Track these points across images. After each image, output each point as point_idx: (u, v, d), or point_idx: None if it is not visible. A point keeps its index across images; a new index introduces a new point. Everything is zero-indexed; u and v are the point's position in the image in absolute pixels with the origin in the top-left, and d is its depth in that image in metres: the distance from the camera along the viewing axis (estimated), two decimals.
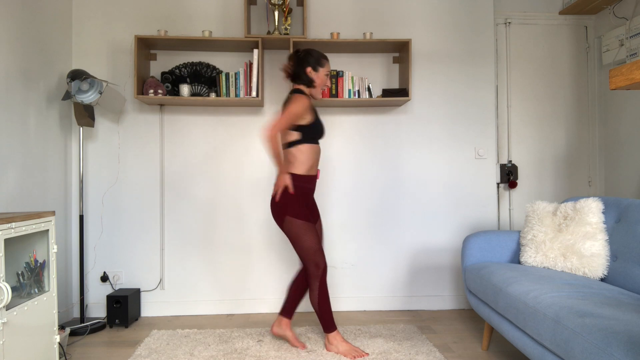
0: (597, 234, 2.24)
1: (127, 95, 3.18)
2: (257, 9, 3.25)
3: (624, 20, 3.24)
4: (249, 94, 3.03)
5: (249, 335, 2.76)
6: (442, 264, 3.35)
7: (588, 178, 3.57)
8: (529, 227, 2.47)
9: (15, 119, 2.53)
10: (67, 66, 3.10)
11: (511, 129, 3.53)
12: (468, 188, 3.36)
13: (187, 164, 3.23)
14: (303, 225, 2.39)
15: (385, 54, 3.32)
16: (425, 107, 3.34)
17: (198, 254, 3.24)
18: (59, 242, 2.99)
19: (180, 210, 3.23)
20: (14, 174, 2.52)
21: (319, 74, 2.48)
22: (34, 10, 2.73)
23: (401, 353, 2.45)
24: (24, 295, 2.01)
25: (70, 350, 2.58)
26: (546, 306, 1.75)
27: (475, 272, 2.41)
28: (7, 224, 1.81)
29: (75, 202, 3.16)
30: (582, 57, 3.58)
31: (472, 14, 3.36)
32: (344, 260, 3.31)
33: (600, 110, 3.56)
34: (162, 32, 3.02)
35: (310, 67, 2.47)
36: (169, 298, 3.22)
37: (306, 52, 2.49)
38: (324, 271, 2.41)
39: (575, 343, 1.52)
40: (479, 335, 2.77)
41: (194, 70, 3.12)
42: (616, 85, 1.29)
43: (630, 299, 1.79)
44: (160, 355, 2.46)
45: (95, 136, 3.19)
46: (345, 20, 3.30)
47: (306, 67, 2.47)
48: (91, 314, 3.18)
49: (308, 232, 2.39)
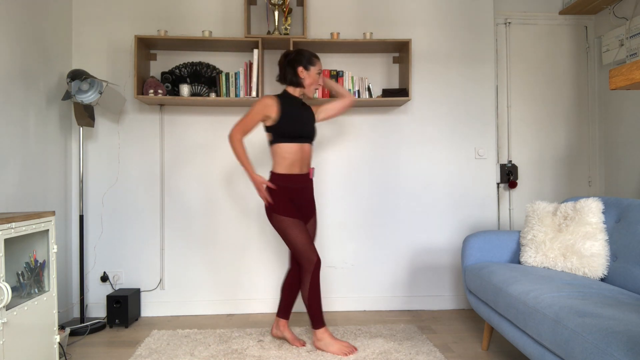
0: (597, 234, 2.24)
1: (127, 95, 3.18)
2: (257, 9, 3.25)
3: (624, 20, 3.24)
4: (249, 94, 3.04)
5: (249, 335, 2.76)
6: (442, 264, 3.35)
7: (588, 178, 3.57)
8: (529, 227, 2.47)
9: (15, 119, 2.54)
10: (67, 66, 3.10)
11: (511, 129, 3.53)
12: (468, 188, 3.36)
13: (187, 164, 3.23)
14: (288, 221, 2.43)
15: (385, 54, 3.32)
16: (425, 107, 3.34)
17: (198, 254, 3.24)
18: (59, 242, 2.99)
19: (180, 210, 3.23)
20: (14, 174, 2.52)
21: (310, 73, 2.51)
22: (34, 10, 2.73)
23: (401, 353, 2.45)
24: (24, 295, 2.01)
25: (70, 350, 2.58)
26: (546, 306, 1.75)
27: (475, 272, 2.41)
28: (7, 224, 1.81)
29: (75, 202, 3.16)
30: (582, 57, 3.58)
31: (472, 14, 3.36)
32: (344, 260, 3.31)
33: (600, 110, 3.56)
34: (162, 32, 3.02)
35: (302, 66, 2.50)
36: (169, 298, 3.22)
37: (297, 52, 2.53)
38: (317, 266, 2.43)
39: (575, 343, 1.52)
40: (479, 335, 2.77)
41: (194, 70, 3.12)
42: (616, 85, 1.29)
43: (630, 299, 1.79)
44: (160, 355, 2.46)
45: (95, 136, 3.19)
46: (345, 20, 3.30)
47: (297, 66, 2.50)
48: (91, 314, 3.18)
49: (294, 228, 2.43)
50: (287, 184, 2.47)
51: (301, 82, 2.51)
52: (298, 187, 2.50)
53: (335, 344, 2.45)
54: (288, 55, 2.54)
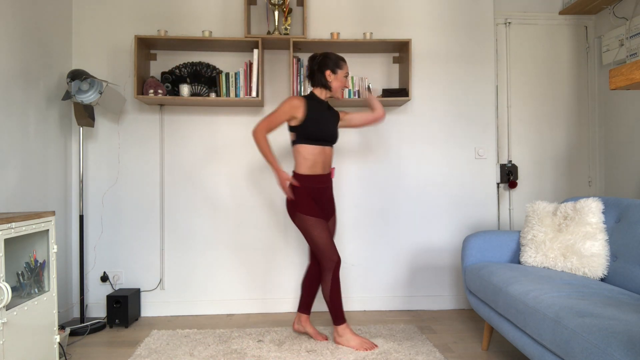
0: (597, 234, 2.24)
1: (127, 95, 3.18)
2: (257, 9, 3.25)
3: (624, 20, 3.24)
4: (249, 94, 3.04)
5: (248, 335, 2.76)
6: (442, 264, 3.35)
7: (588, 178, 3.57)
8: (529, 227, 2.47)
9: (15, 118, 2.54)
10: (67, 66, 3.10)
11: (511, 129, 3.53)
12: (468, 188, 3.36)
13: (187, 164, 3.23)
14: (311, 220, 2.49)
15: (385, 54, 3.32)
16: (425, 107, 3.34)
17: (198, 254, 3.24)
18: (59, 242, 2.99)
19: (180, 210, 3.23)
20: (14, 174, 2.52)
21: (338, 76, 2.57)
22: (34, 10, 2.73)
23: (401, 353, 2.45)
24: (24, 295, 2.01)
25: (70, 350, 2.58)
26: (546, 306, 1.75)
27: (475, 272, 2.41)
28: (7, 224, 1.81)
29: (75, 202, 3.16)
30: (582, 57, 3.58)
31: (472, 14, 3.36)
32: (344, 260, 3.31)
33: (600, 110, 3.56)
34: (162, 32, 3.02)
35: (330, 69, 2.55)
36: (169, 298, 3.22)
37: (324, 55, 2.58)
38: (337, 265, 2.50)
39: (575, 343, 1.52)
40: (479, 335, 2.77)
41: (194, 70, 3.12)
42: (616, 85, 1.29)
43: (630, 299, 1.79)
44: (160, 355, 2.46)
45: (95, 136, 3.19)
46: (345, 20, 3.30)
47: (325, 70, 2.55)
48: (91, 314, 3.18)
49: (316, 227, 2.48)
50: (310, 184, 2.53)
51: (329, 85, 2.57)
52: (320, 187, 2.57)
53: (356, 339, 2.53)
54: (315, 58, 2.59)
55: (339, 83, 2.58)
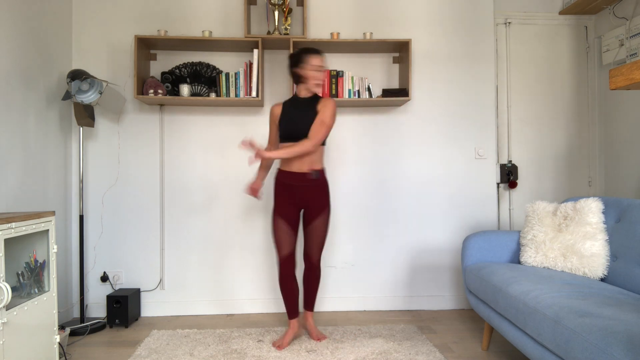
0: (597, 234, 2.24)
1: (127, 95, 3.18)
2: (257, 9, 3.25)
3: (624, 20, 3.24)
4: (249, 94, 3.04)
5: (248, 335, 2.76)
6: (442, 264, 3.35)
7: (588, 178, 3.57)
8: (529, 227, 2.47)
9: (15, 119, 2.54)
10: (67, 66, 3.10)
11: (511, 129, 3.53)
12: (468, 188, 3.35)
13: (187, 164, 3.23)
14: (273, 215, 2.63)
15: (385, 54, 3.32)
16: (425, 107, 3.34)
17: (198, 254, 3.24)
18: (59, 242, 2.99)
19: (180, 210, 3.23)
20: (14, 174, 2.52)
21: (304, 70, 2.56)
22: (34, 10, 2.73)
23: (401, 353, 2.45)
24: (24, 295, 2.01)
25: (70, 350, 2.58)
26: (546, 306, 1.75)
27: (475, 272, 2.41)
28: (7, 224, 1.81)
29: (75, 202, 3.16)
30: (582, 57, 3.58)
31: (472, 14, 3.36)
32: (344, 260, 3.31)
33: (600, 110, 3.56)
34: (162, 32, 3.02)
35: (295, 67, 2.59)
36: (169, 298, 3.22)
37: (291, 54, 2.64)
38: (281, 263, 2.58)
39: (575, 343, 1.52)
40: (479, 335, 2.77)
41: (194, 70, 3.12)
42: (616, 85, 1.30)
43: (630, 299, 1.79)
44: (160, 355, 2.46)
45: (95, 136, 3.19)
46: (345, 20, 3.30)
47: (292, 68, 2.60)
48: (91, 314, 3.18)
49: (274, 221, 2.61)
50: (280, 179, 2.62)
51: (300, 80, 2.60)
52: (292, 184, 2.58)
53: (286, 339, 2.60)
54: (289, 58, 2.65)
55: (308, 76, 2.54)
